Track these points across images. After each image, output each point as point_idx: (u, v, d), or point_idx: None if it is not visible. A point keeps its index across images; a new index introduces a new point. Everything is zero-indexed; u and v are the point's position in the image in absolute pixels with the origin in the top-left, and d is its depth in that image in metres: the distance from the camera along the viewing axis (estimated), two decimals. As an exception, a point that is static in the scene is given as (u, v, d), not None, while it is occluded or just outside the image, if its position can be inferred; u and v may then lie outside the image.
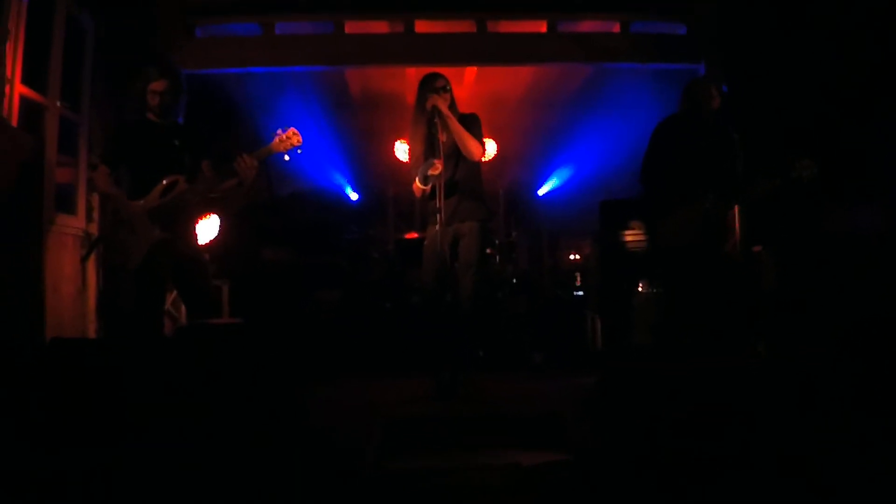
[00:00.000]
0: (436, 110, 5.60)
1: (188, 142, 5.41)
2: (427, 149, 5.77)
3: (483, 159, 5.93)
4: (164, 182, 5.21)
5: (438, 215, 5.52)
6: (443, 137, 5.55)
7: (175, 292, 6.81)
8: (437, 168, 5.48)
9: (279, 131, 5.33)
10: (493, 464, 4.07)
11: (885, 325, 5.44)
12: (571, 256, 10.81)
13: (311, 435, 4.38)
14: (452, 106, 5.78)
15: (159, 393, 4.00)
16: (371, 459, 4.10)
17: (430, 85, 5.81)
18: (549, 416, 4.88)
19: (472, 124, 5.75)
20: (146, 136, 5.36)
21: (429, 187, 5.70)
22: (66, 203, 6.60)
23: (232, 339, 4.36)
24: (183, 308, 6.80)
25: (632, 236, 7.98)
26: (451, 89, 5.85)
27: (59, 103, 6.29)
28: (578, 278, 9.86)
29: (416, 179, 5.72)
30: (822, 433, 4.04)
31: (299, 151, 5.37)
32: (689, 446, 4.00)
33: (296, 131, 5.34)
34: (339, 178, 11.71)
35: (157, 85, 5.34)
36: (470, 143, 5.64)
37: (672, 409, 4.32)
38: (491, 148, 11.35)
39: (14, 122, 5.67)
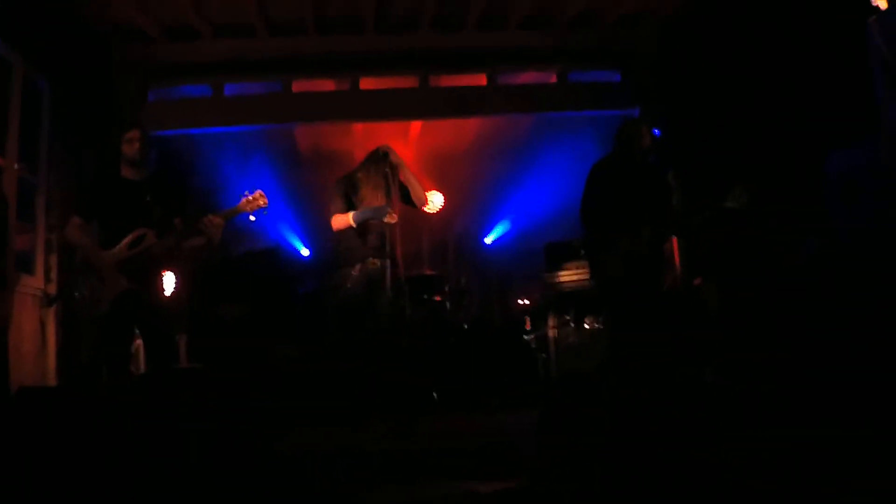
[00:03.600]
0: (391, 163, 6.09)
1: (159, 198, 5.53)
2: (377, 195, 6.16)
3: (430, 210, 6.36)
4: (133, 234, 5.33)
5: (378, 259, 6.00)
6: (396, 189, 6.04)
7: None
8: (394, 217, 5.93)
9: (246, 192, 5.55)
10: (453, 493, 4.23)
11: (822, 346, 5.68)
12: (521, 301, 10.98)
13: (276, 474, 4.51)
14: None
15: (127, 436, 4.12)
16: (335, 494, 4.24)
17: (391, 154, 6.29)
18: (503, 447, 5.06)
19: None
20: (119, 191, 5.49)
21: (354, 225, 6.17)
22: (24, 263, 6.65)
23: (196, 382, 4.51)
24: (142, 358, 6.91)
25: (575, 275, 8.22)
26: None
27: (17, 165, 6.41)
28: (528, 322, 10.04)
29: (350, 215, 6.07)
30: (765, 451, 4.25)
31: (265, 213, 5.59)
32: (633, 468, 4.19)
33: (262, 193, 5.56)
34: (291, 235, 11.83)
35: (132, 134, 5.53)
36: (422, 190, 6.40)
37: (616, 433, 4.52)
38: (438, 200, 11.60)
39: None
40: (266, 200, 5.55)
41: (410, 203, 6.37)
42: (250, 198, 5.54)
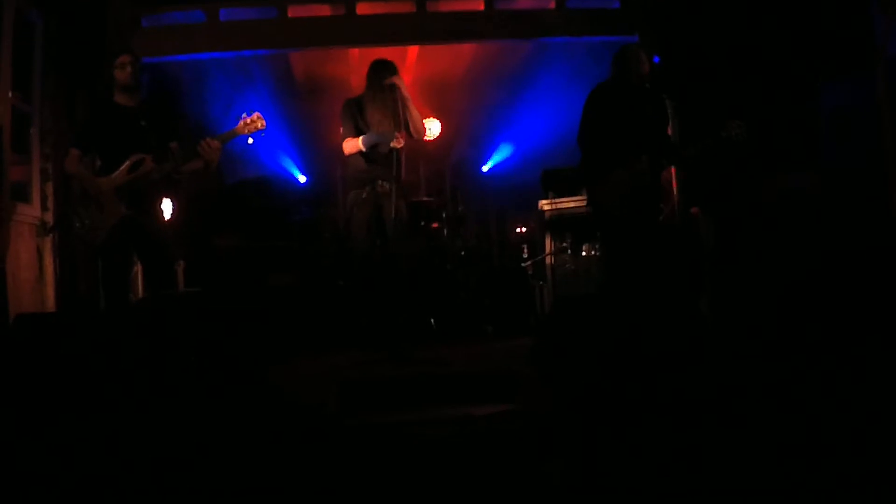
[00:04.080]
0: (397, 89, 6.09)
1: (155, 122, 5.52)
2: (383, 120, 6.20)
3: (427, 138, 6.38)
4: (131, 160, 5.32)
5: (387, 182, 6.04)
6: (401, 114, 6.06)
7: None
8: (400, 142, 5.99)
9: (244, 115, 5.51)
10: (447, 416, 4.29)
11: (815, 279, 5.72)
12: (518, 230, 11.00)
13: (272, 398, 4.56)
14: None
15: (126, 359, 4.17)
16: (331, 417, 4.29)
17: (388, 68, 6.26)
18: (498, 373, 5.11)
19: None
20: (114, 118, 5.47)
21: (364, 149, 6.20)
22: (20, 193, 6.66)
23: (194, 307, 4.55)
24: (140, 284, 6.96)
25: (573, 202, 8.23)
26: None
27: (10, 94, 6.35)
28: (526, 250, 10.08)
29: (359, 140, 6.10)
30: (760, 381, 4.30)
31: (263, 135, 5.57)
32: (623, 390, 4.25)
33: (260, 115, 5.52)
34: (288, 162, 11.81)
35: (123, 59, 5.49)
36: (421, 122, 6.33)
37: (608, 356, 4.57)
38: (436, 127, 11.57)
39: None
40: (264, 122, 5.53)
41: (408, 133, 6.37)
42: (248, 120, 5.51)
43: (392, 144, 6.06)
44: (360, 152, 6.22)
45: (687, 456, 3.23)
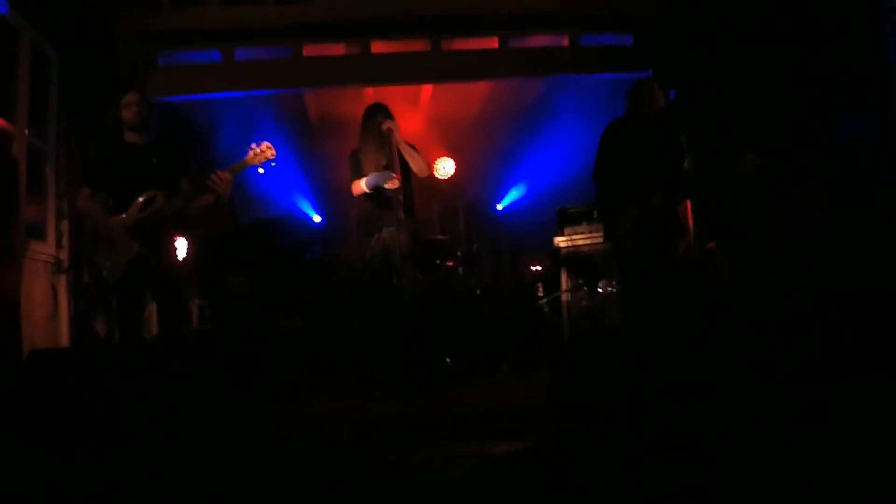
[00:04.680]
0: (391, 133, 6.18)
1: (166, 160, 5.52)
2: (383, 163, 6.27)
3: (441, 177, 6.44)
4: (143, 198, 5.31)
5: (391, 227, 6.10)
6: (396, 157, 6.13)
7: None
8: (395, 183, 6.03)
9: (253, 145, 5.50)
10: (465, 454, 4.24)
11: (829, 310, 5.67)
12: (533, 268, 10.95)
13: (283, 440, 4.52)
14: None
15: (139, 398, 4.14)
16: (341, 461, 4.24)
17: (382, 112, 6.32)
18: (515, 410, 5.07)
19: (416, 150, 6.57)
20: (124, 156, 5.48)
21: (370, 191, 6.40)
22: (35, 230, 6.67)
23: (207, 345, 4.52)
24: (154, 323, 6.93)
25: (588, 238, 8.18)
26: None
27: (27, 131, 6.39)
28: (540, 289, 10.02)
29: (362, 181, 6.30)
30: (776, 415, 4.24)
31: (273, 164, 5.54)
32: (639, 425, 4.21)
33: (269, 145, 5.51)
34: (302, 202, 11.82)
35: (129, 97, 5.51)
36: (419, 162, 6.50)
37: (623, 390, 4.52)
38: (450, 166, 11.59)
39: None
40: (274, 152, 5.52)
41: (409, 174, 6.45)
42: (257, 150, 5.50)
43: (387, 186, 6.12)
44: (367, 195, 6.28)
45: (703, 492, 3.18)
